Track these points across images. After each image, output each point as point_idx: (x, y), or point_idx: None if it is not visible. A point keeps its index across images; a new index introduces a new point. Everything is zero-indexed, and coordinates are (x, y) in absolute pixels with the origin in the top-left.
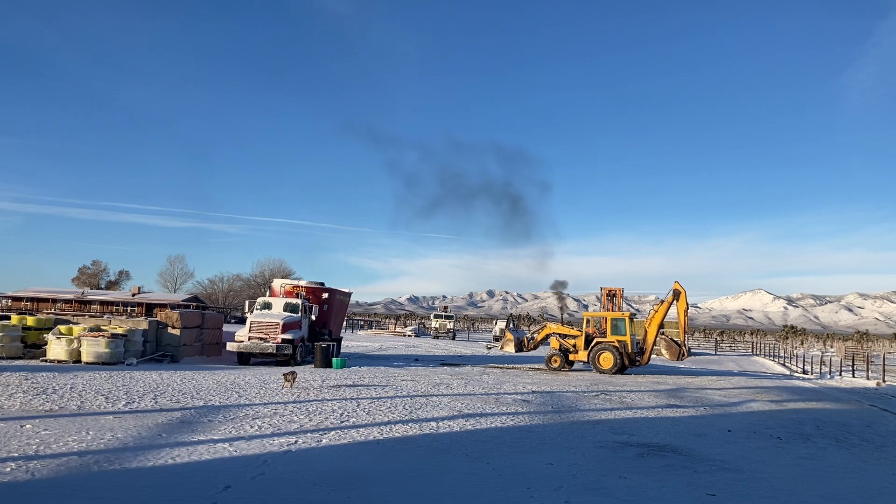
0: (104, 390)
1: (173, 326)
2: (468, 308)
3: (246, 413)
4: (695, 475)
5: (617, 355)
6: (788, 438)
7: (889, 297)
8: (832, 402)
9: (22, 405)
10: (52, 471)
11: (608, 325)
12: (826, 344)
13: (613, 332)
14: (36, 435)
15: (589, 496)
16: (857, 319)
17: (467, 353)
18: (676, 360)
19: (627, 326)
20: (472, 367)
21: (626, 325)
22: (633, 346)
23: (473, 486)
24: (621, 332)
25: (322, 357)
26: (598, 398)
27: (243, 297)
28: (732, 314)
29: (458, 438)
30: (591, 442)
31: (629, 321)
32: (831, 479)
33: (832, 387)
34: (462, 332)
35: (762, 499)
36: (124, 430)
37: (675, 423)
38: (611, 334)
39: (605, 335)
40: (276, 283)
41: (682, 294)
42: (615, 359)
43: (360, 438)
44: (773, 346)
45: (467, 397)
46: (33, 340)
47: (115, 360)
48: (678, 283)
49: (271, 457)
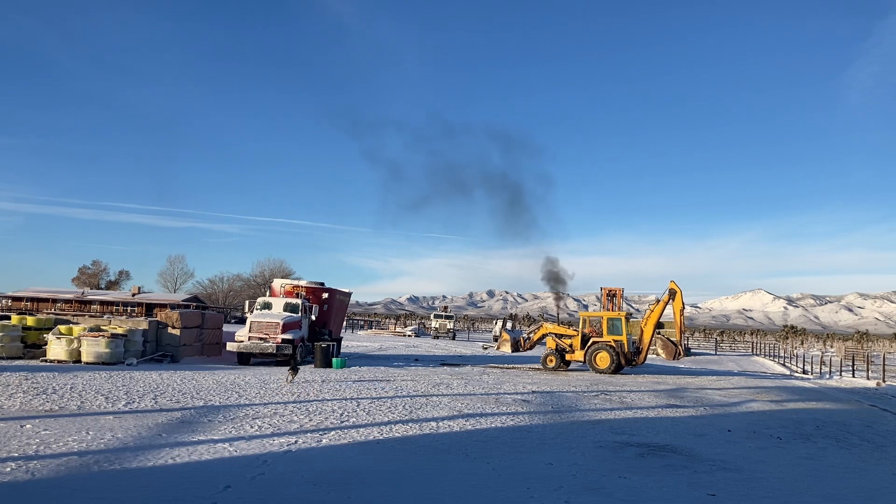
0: (104, 390)
1: (173, 326)
2: (468, 308)
3: (246, 413)
4: (695, 475)
5: (613, 355)
6: (788, 438)
7: (889, 297)
8: (832, 402)
9: (22, 405)
10: (52, 471)
11: (605, 325)
12: (826, 344)
13: (610, 332)
14: (36, 435)
15: (589, 496)
16: (857, 319)
17: (467, 353)
18: (673, 359)
19: (624, 326)
20: (472, 367)
21: (623, 325)
22: (630, 346)
23: (473, 486)
24: (618, 332)
25: (322, 357)
26: (598, 398)
27: (243, 297)
28: (732, 314)
29: (458, 438)
30: (591, 442)
31: (625, 321)
32: (831, 479)
33: (832, 387)
34: (462, 332)
35: (762, 499)
36: (124, 430)
37: (675, 423)
38: (607, 334)
39: (602, 335)
40: (276, 283)
41: (677, 293)
42: (612, 358)
43: (360, 438)
44: (773, 346)
45: (467, 397)
46: (33, 340)
47: (115, 360)
48: (674, 282)
49: (271, 457)
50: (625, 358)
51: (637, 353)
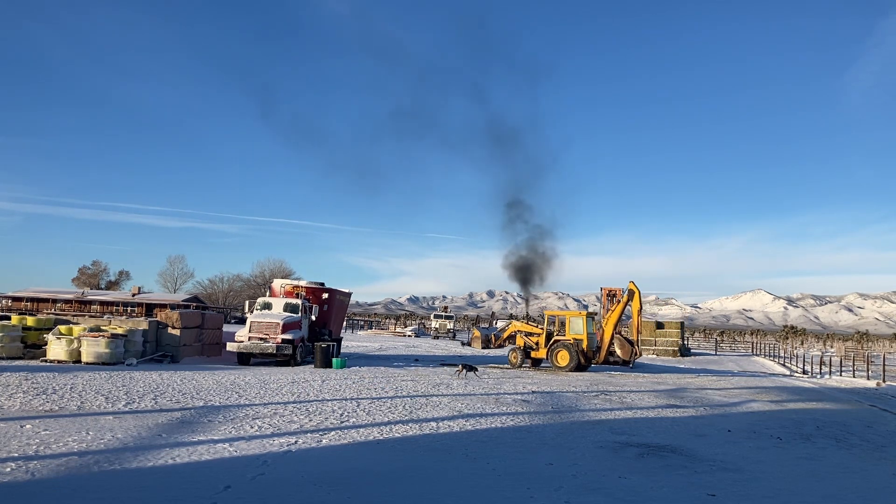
0: (104, 390)
1: (173, 326)
2: (468, 308)
3: (246, 413)
4: (695, 475)
5: (573, 352)
6: (788, 438)
7: (889, 297)
8: (832, 402)
9: (22, 405)
10: (52, 471)
11: (567, 324)
12: (826, 344)
13: (572, 331)
14: (36, 435)
15: (589, 496)
16: (857, 319)
17: (467, 353)
18: (628, 358)
19: (584, 325)
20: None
21: (583, 324)
22: (592, 345)
23: (473, 486)
24: (578, 331)
25: (322, 357)
26: (598, 398)
27: (243, 297)
28: (732, 314)
29: (458, 438)
30: (591, 442)
31: (586, 320)
32: (831, 480)
33: (832, 387)
34: (462, 332)
35: (762, 499)
36: (124, 431)
37: (675, 423)
38: (569, 332)
39: (564, 333)
40: (276, 284)
41: (636, 294)
42: (571, 356)
43: (360, 438)
44: (773, 346)
45: (467, 397)
46: (33, 340)
47: (115, 360)
48: (633, 283)
49: (271, 457)
50: (584, 356)
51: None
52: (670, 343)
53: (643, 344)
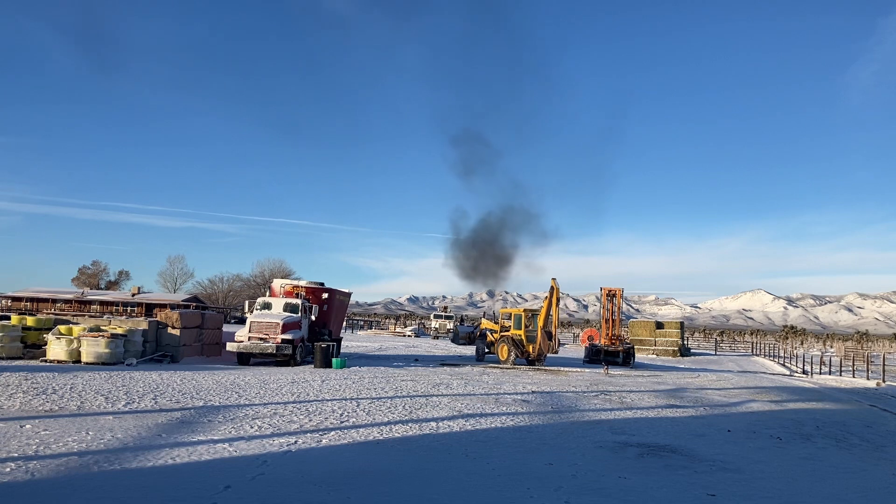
0: (104, 390)
1: (173, 326)
2: (468, 308)
3: (246, 413)
4: (695, 475)
5: (511, 347)
6: (788, 438)
7: (889, 297)
8: (832, 402)
9: (22, 405)
10: (52, 471)
11: (513, 321)
12: (826, 344)
13: (516, 327)
14: (36, 435)
15: (589, 496)
16: (857, 319)
17: (467, 353)
18: (548, 351)
19: (522, 321)
20: (472, 368)
21: (521, 321)
22: (531, 340)
23: (473, 486)
24: (518, 327)
25: (322, 357)
26: (598, 398)
27: (243, 297)
28: (732, 314)
29: (458, 438)
30: (591, 442)
31: (524, 316)
32: (831, 480)
33: (832, 387)
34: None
35: (762, 499)
36: (124, 431)
37: (675, 423)
38: (513, 329)
39: (509, 330)
40: (276, 284)
41: (555, 291)
42: (509, 350)
43: (360, 438)
44: (773, 346)
45: (467, 397)
46: (33, 340)
47: (114, 360)
48: (554, 280)
49: (271, 457)
50: (521, 351)
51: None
52: (670, 343)
53: (643, 344)
